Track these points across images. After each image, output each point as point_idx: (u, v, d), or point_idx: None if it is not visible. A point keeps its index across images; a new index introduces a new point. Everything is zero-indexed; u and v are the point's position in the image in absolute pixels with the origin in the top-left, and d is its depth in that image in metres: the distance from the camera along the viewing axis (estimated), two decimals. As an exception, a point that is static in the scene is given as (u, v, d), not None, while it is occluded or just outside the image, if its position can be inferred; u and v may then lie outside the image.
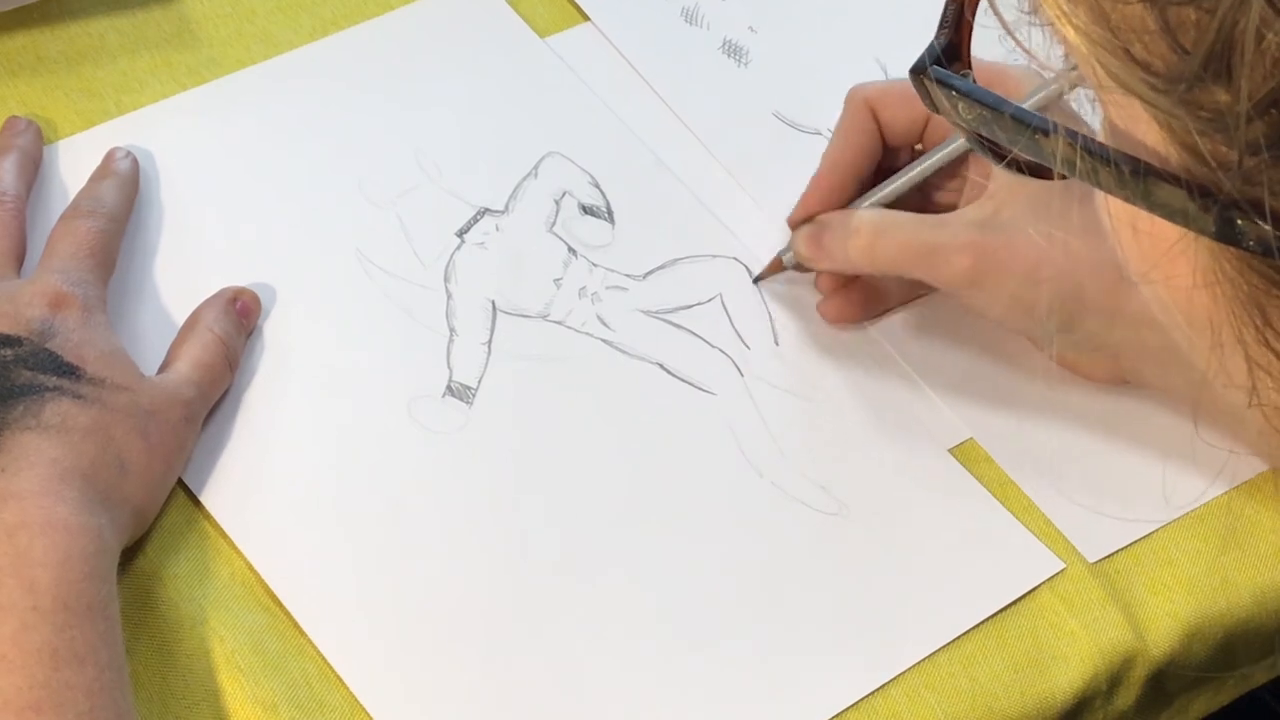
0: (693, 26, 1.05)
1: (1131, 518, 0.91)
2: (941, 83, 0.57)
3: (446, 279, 0.94)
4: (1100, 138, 0.53)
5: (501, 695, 0.83)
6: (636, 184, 0.99)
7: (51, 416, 0.81)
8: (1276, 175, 0.48)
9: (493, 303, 0.94)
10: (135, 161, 0.94)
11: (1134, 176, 0.51)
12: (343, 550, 0.86)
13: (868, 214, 0.92)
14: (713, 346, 0.94)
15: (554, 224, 0.97)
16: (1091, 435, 0.93)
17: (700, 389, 0.93)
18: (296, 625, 0.84)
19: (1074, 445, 0.93)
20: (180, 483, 0.86)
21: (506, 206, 0.97)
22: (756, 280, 0.95)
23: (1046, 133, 0.53)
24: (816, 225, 0.93)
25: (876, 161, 0.94)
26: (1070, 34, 0.51)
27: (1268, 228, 0.49)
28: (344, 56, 1.01)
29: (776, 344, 0.94)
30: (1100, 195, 0.54)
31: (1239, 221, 0.49)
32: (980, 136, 0.56)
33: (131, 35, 1.00)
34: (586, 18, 1.04)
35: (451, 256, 0.95)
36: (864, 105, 0.94)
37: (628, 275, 0.96)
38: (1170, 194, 0.51)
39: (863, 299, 0.95)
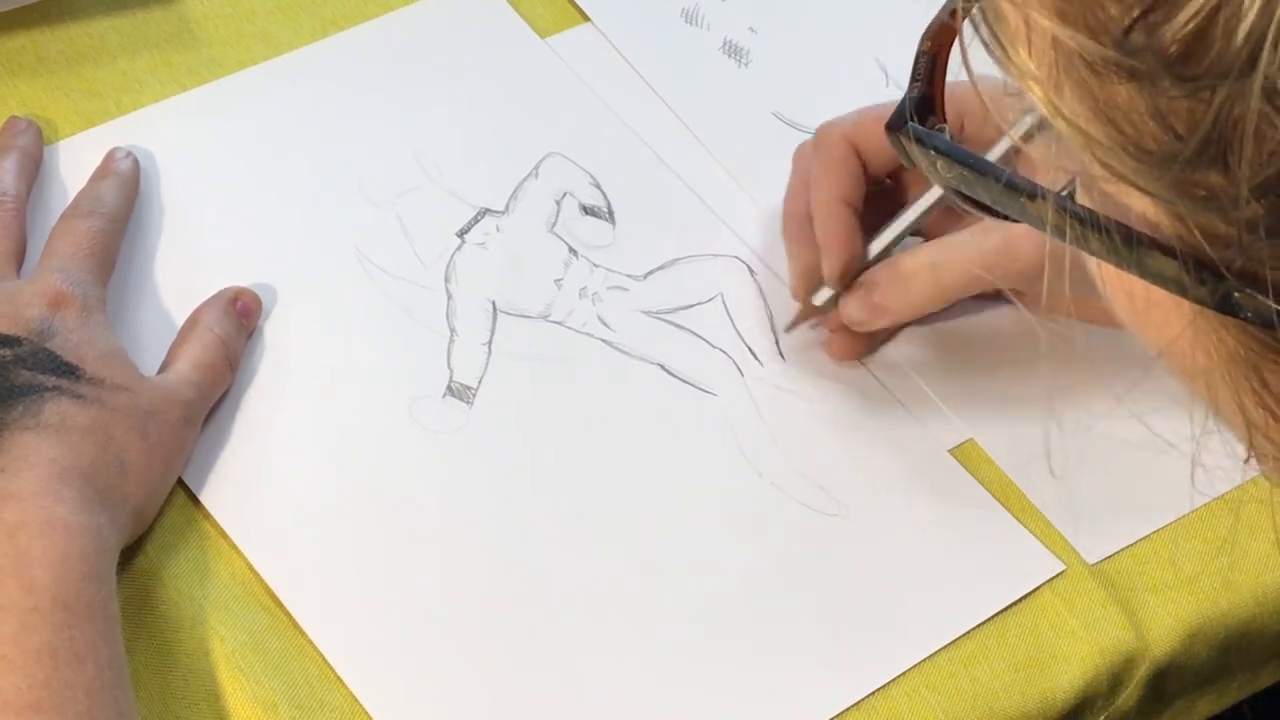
0: (693, 27, 1.05)
1: (1131, 519, 0.90)
2: (920, 140, 0.56)
3: (447, 279, 0.94)
4: (1083, 198, 0.52)
5: (501, 695, 0.83)
6: (637, 184, 0.99)
7: (51, 416, 0.81)
8: (1276, 253, 0.48)
9: (493, 303, 0.94)
10: (136, 162, 0.94)
11: (1126, 245, 0.51)
12: (343, 550, 0.86)
13: (919, 259, 0.90)
14: (713, 347, 0.94)
15: (555, 224, 0.97)
16: (1092, 436, 0.93)
17: (701, 389, 0.93)
18: (296, 625, 0.84)
19: (1074, 446, 0.93)
20: (180, 482, 0.86)
21: (507, 207, 0.97)
22: (789, 329, 0.94)
23: (1033, 196, 0.53)
24: (864, 289, 0.90)
25: (864, 194, 0.93)
26: (1061, 124, 0.50)
27: (1268, 302, 0.49)
28: (344, 57, 1.01)
29: (777, 344, 0.94)
30: (1091, 258, 0.53)
31: (1236, 294, 0.49)
32: (960, 193, 0.55)
33: (132, 35, 1.00)
34: (587, 18, 1.04)
35: (452, 257, 0.95)
36: (843, 140, 0.92)
37: (628, 275, 0.96)
38: (1164, 264, 0.50)
39: (869, 333, 0.93)
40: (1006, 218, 0.54)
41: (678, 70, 1.03)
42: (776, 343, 0.94)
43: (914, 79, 0.58)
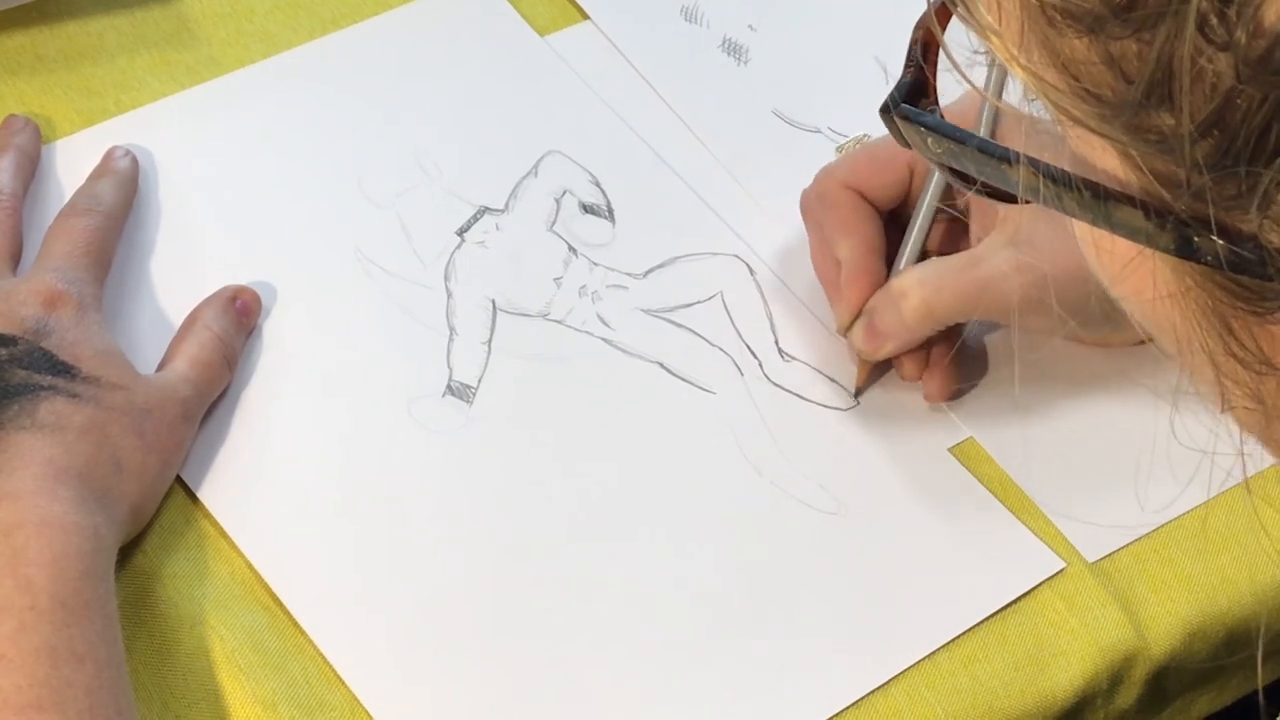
0: (692, 25, 1.05)
1: (1132, 518, 0.90)
2: (908, 119, 0.59)
3: (447, 278, 0.94)
4: (1064, 162, 0.55)
5: (501, 693, 0.83)
6: (636, 182, 0.99)
7: (46, 416, 0.81)
8: (1222, 192, 0.50)
9: (493, 302, 0.94)
10: (135, 160, 0.94)
11: (1095, 200, 0.53)
12: (342, 549, 0.86)
13: (908, 278, 0.90)
14: (713, 345, 0.94)
15: (554, 222, 0.97)
16: (1092, 435, 0.93)
17: (700, 388, 0.93)
18: (296, 624, 0.84)
19: (1074, 445, 0.93)
20: (179, 481, 0.86)
21: (506, 205, 0.97)
22: (858, 394, 0.93)
23: (1010, 162, 0.55)
24: (864, 316, 0.91)
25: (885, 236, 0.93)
26: (1020, 73, 0.53)
27: (1220, 242, 0.51)
28: (343, 55, 1.01)
29: (777, 342, 0.94)
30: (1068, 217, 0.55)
31: (1195, 238, 0.51)
32: (950, 168, 0.58)
33: (130, 34, 1.00)
34: (586, 16, 1.04)
35: (451, 255, 0.95)
36: (846, 190, 0.92)
37: (628, 274, 0.96)
38: (1129, 215, 0.53)
39: (955, 363, 0.93)
40: (992, 190, 0.57)
41: (677, 68, 1.03)
42: (776, 341, 0.94)
43: (907, 65, 0.61)
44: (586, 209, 0.98)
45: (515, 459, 0.89)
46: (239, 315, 0.90)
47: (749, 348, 0.94)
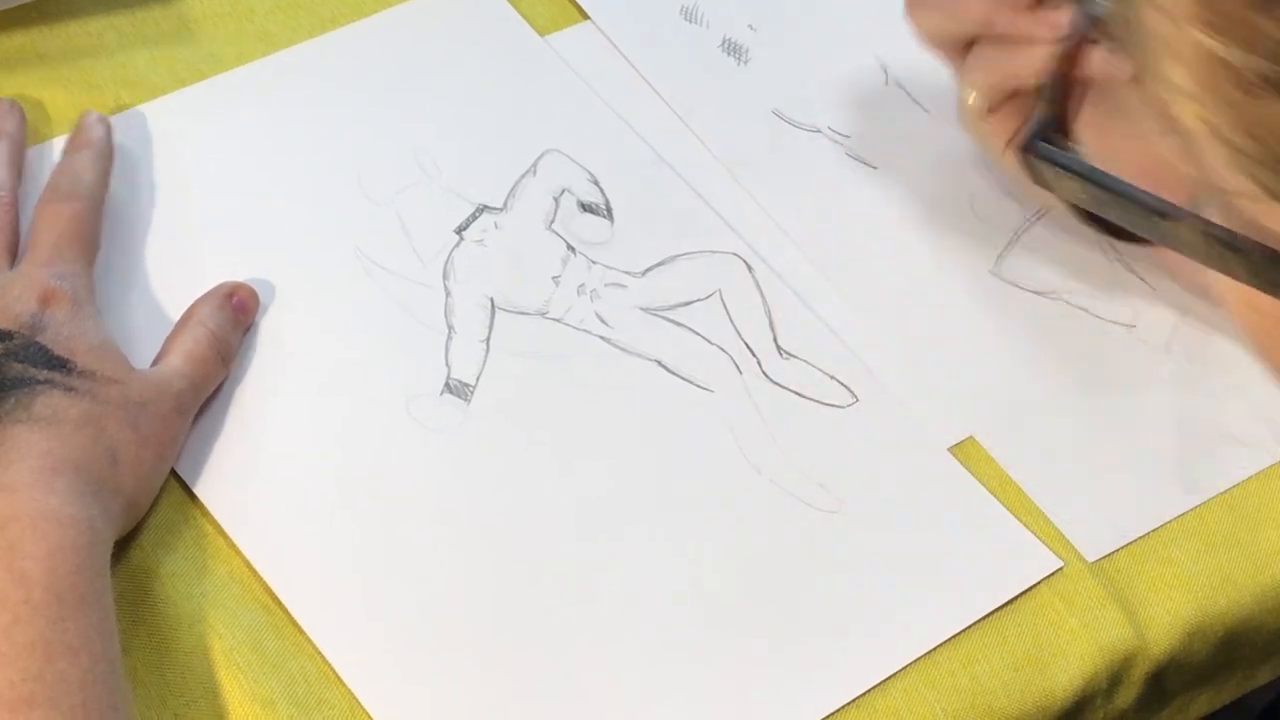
0: (692, 24, 1.05)
1: (1130, 516, 0.90)
2: (1049, 160, 0.55)
3: (445, 276, 0.94)
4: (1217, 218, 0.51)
5: (500, 692, 0.83)
6: (635, 181, 0.99)
7: (42, 409, 0.81)
8: None
9: (491, 300, 0.94)
10: (109, 126, 0.94)
11: (1268, 263, 0.49)
12: (341, 548, 0.86)
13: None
14: (711, 344, 0.94)
15: (553, 221, 0.97)
16: (1092, 435, 0.93)
17: (699, 386, 0.93)
18: (295, 623, 0.84)
19: (1074, 445, 0.93)
20: (177, 479, 0.86)
21: (505, 204, 0.97)
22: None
23: (1167, 216, 0.52)
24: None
25: None
26: (1215, 141, 0.48)
27: None
28: (343, 54, 1.01)
29: (776, 341, 0.94)
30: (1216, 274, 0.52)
31: None
32: (1085, 212, 0.54)
33: (130, 33, 1.00)
34: (586, 16, 1.05)
35: (450, 254, 0.95)
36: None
37: (626, 272, 0.96)
38: None
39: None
40: (1134, 237, 0.53)
41: (677, 68, 1.03)
42: (775, 339, 0.94)
43: (1043, 99, 0.57)
44: (585, 208, 0.98)
45: (513, 457, 0.89)
46: (235, 312, 0.90)
47: (748, 346, 0.94)
